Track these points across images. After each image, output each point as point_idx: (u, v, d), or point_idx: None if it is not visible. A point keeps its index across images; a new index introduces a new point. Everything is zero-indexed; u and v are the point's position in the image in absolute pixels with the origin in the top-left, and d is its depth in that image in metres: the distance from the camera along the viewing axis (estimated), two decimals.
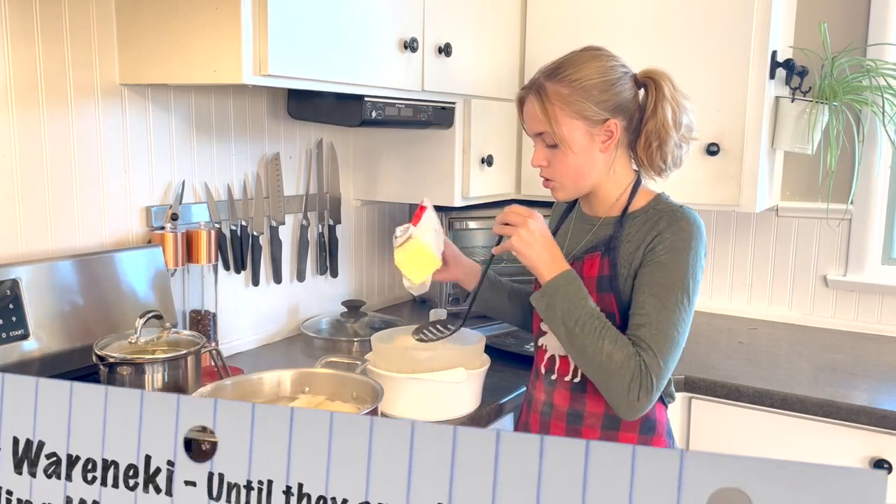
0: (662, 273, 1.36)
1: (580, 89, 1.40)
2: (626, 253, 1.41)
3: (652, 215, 1.42)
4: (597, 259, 1.44)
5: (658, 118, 1.42)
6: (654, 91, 1.43)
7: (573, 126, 1.41)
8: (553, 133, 1.41)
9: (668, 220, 1.39)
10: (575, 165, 1.43)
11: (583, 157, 1.43)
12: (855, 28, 2.32)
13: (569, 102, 1.40)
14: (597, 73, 1.41)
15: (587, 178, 1.45)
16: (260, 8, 1.50)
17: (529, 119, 1.47)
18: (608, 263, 1.42)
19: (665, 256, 1.37)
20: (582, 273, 1.45)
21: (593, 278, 1.44)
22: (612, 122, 1.41)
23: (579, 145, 1.42)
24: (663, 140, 1.42)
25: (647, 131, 1.43)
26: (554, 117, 1.41)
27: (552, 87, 1.42)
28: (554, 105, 1.41)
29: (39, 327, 1.54)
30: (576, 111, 1.40)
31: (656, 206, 1.44)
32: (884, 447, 1.74)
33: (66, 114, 1.63)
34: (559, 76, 1.42)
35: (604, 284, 1.42)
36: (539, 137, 1.46)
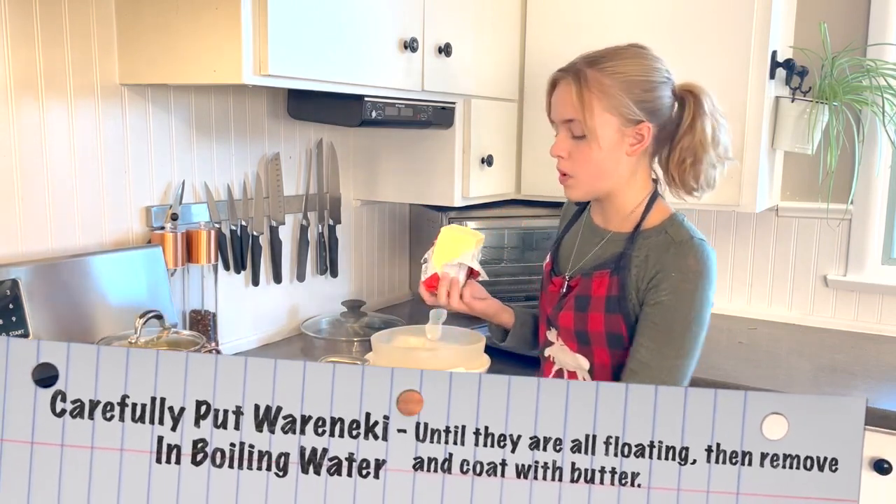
0: (663, 316, 1.31)
1: (622, 83, 1.33)
2: (634, 276, 1.35)
3: (663, 240, 1.35)
4: (605, 278, 1.38)
5: (696, 134, 1.35)
6: (692, 105, 1.36)
7: (606, 120, 1.33)
8: (584, 122, 1.33)
9: (676, 253, 1.32)
10: (598, 162, 1.36)
11: (608, 155, 1.35)
12: (855, 28, 2.32)
13: (607, 94, 1.33)
14: (642, 70, 1.34)
15: (607, 179, 1.38)
16: (260, 8, 1.50)
17: (560, 103, 1.38)
18: (617, 283, 1.36)
19: (668, 297, 1.31)
20: (590, 291, 1.40)
21: (601, 298, 1.38)
22: (645, 125, 1.34)
23: (608, 141, 1.34)
24: (698, 158, 1.36)
25: (681, 147, 1.36)
26: (589, 106, 1.33)
27: (593, 75, 1.34)
28: (592, 93, 1.33)
29: (39, 327, 1.54)
30: (612, 105, 1.33)
31: (668, 230, 1.36)
32: (884, 447, 1.74)
33: (66, 114, 1.63)
34: (603, 65, 1.34)
35: (612, 305, 1.37)
36: (565, 125, 1.38)
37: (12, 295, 1.50)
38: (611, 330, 1.36)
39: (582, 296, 1.41)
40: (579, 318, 1.41)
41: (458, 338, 1.66)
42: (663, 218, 1.39)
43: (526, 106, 2.39)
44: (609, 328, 1.37)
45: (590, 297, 1.39)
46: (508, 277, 2.50)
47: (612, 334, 1.37)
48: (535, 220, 2.49)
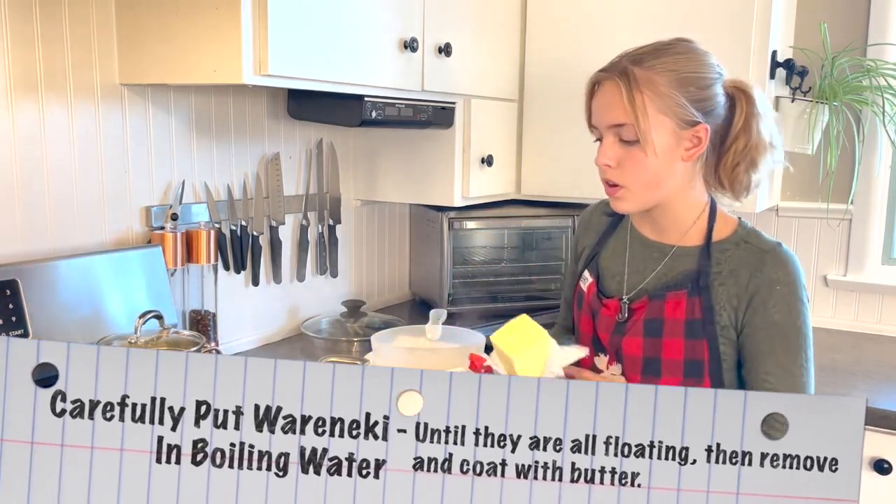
0: (782, 336, 1.22)
1: (677, 81, 1.20)
2: (722, 294, 1.24)
3: (749, 252, 1.25)
4: (683, 299, 1.25)
5: (751, 136, 1.25)
6: (744, 104, 1.25)
7: (661, 123, 1.20)
8: (638, 127, 1.19)
9: (774, 264, 1.22)
10: (653, 170, 1.22)
11: (663, 163, 1.22)
12: (855, 28, 2.32)
13: (661, 94, 1.20)
14: (696, 67, 1.23)
15: (662, 188, 1.25)
16: (260, 8, 1.50)
17: (606, 107, 1.24)
18: (699, 305, 1.24)
19: (780, 316, 1.21)
20: (663, 314, 1.26)
21: (680, 322, 1.25)
22: (703, 126, 1.22)
23: (663, 147, 1.21)
24: (754, 161, 1.26)
25: (735, 150, 1.25)
26: (642, 108, 1.19)
27: (643, 74, 1.20)
28: (644, 94, 1.19)
29: (39, 327, 1.54)
30: (667, 106, 1.20)
31: (748, 240, 1.26)
32: (884, 447, 1.74)
33: (66, 114, 1.63)
34: (652, 63, 1.21)
35: (696, 330, 1.24)
36: (612, 130, 1.24)
37: (12, 295, 1.49)
38: (691, 357, 1.24)
39: (653, 319, 1.27)
40: (650, 345, 1.27)
41: (458, 338, 1.66)
42: (734, 227, 1.30)
43: (526, 106, 2.39)
44: (689, 355, 1.25)
45: (664, 321, 1.26)
46: (508, 277, 2.50)
47: (691, 362, 1.25)
48: (535, 220, 2.49)
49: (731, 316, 1.24)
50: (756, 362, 1.24)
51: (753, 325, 1.23)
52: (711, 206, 1.32)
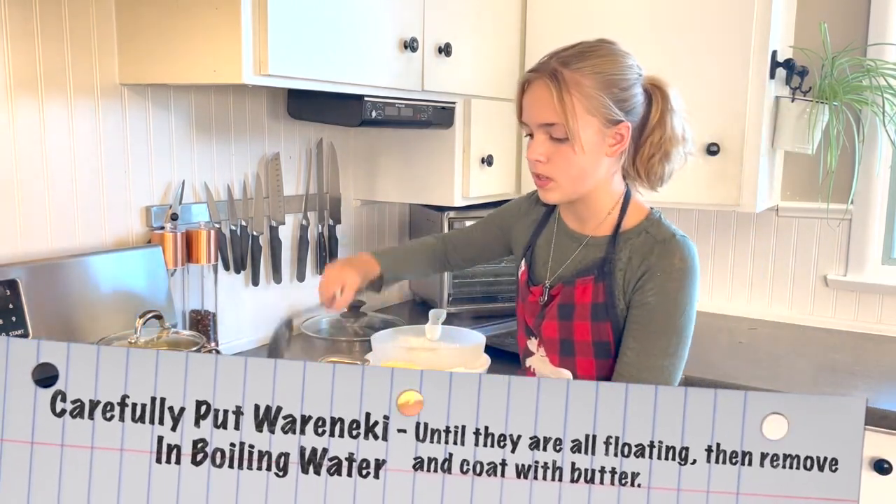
0: (650, 317, 1.29)
1: (602, 83, 1.27)
2: (620, 279, 1.32)
3: (645, 241, 1.33)
4: (590, 284, 1.34)
5: (666, 130, 1.33)
6: (660, 100, 1.33)
7: (588, 122, 1.28)
8: (567, 126, 1.27)
9: (660, 252, 1.30)
10: (580, 166, 1.30)
11: (589, 158, 1.30)
12: (855, 28, 2.32)
13: (588, 96, 1.27)
14: (619, 69, 1.29)
15: (587, 182, 1.33)
16: (260, 8, 1.50)
17: (538, 107, 1.31)
18: (603, 290, 1.33)
19: (654, 298, 1.29)
20: (573, 299, 1.36)
21: (587, 305, 1.34)
22: (625, 124, 1.30)
23: (590, 144, 1.29)
24: (667, 153, 1.33)
25: (651, 143, 1.33)
26: (571, 109, 1.26)
27: (571, 76, 1.27)
28: (573, 95, 1.26)
29: (39, 327, 1.54)
30: (594, 106, 1.27)
31: (649, 230, 1.34)
32: (884, 447, 1.74)
33: (66, 114, 1.63)
34: (579, 65, 1.28)
35: (599, 312, 1.33)
36: (542, 129, 1.31)
37: (12, 295, 1.49)
38: (598, 339, 1.33)
39: (565, 304, 1.37)
40: (564, 328, 1.37)
41: (458, 338, 1.66)
42: (641, 217, 1.36)
43: None
44: (596, 337, 1.34)
45: (574, 305, 1.35)
46: (508, 277, 2.50)
47: (599, 343, 1.34)
48: None
49: (624, 300, 1.32)
50: (624, 338, 1.32)
51: (631, 306, 1.32)
52: (625, 196, 1.38)
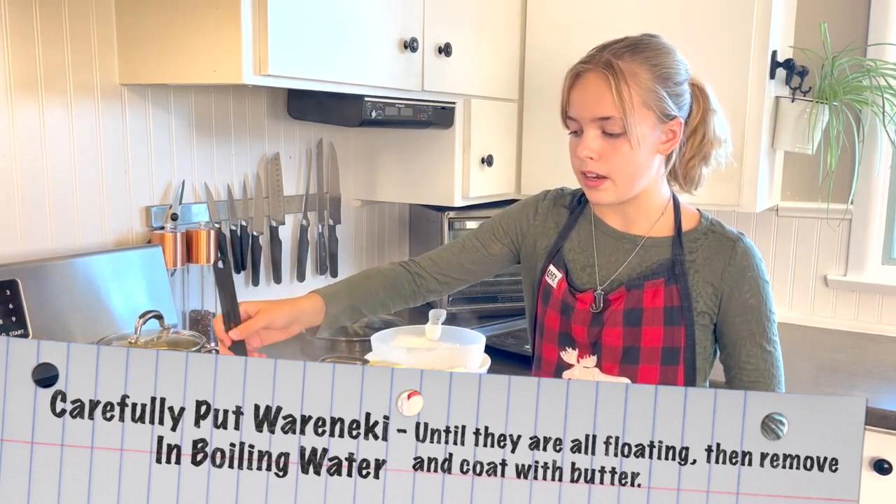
0: (757, 320, 1.28)
1: (659, 77, 1.22)
2: (698, 281, 1.28)
3: (719, 241, 1.29)
4: (661, 287, 1.28)
5: (708, 130, 1.29)
6: (702, 101, 1.29)
7: (644, 116, 1.22)
8: (625, 120, 1.20)
9: (743, 251, 1.28)
10: (636, 163, 1.23)
11: (645, 155, 1.24)
12: (855, 28, 2.32)
13: (646, 88, 1.21)
14: (673, 62, 1.25)
15: (642, 180, 1.27)
16: (260, 8, 1.50)
17: (592, 99, 1.23)
18: (677, 293, 1.27)
19: (754, 300, 1.28)
20: (641, 303, 1.28)
21: (658, 309, 1.28)
22: (678, 120, 1.25)
23: (646, 140, 1.23)
24: (707, 154, 1.30)
25: (692, 144, 1.29)
26: (629, 102, 1.20)
27: (628, 67, 1.21)
28: (630, 87, 1.20)
29: (39, 327, 1.54)
30: (651, 99, 1.21)
31: (713, 230, 1.31)
32: (884, 447, 1.74)
33: (66, 114, 1.63)
34: (637, 57, 1.22)
35: (674, 317, 1.27)
36: (595, 123, 1.23)
37: (12, 295, 1.49)
38: (669, 344, 1.28)
39: (632, 309, 1.29)
40: (630, 334, 1.29)
41: (458, 338, 1.66)
42: (697, 217, 1.34)
43: (526, 106, 2.39)
44: (667, 342, 1.28)
45: (643, 310, 1.28)
46: (508, 277, 2.49)
47: (668, 349, 1.29)
48: None
49: (707, 302, 1.29)
50: (737, 347, 1.30)
51: (731, 311, 1.29)
52: (675, 197, 1.35)
